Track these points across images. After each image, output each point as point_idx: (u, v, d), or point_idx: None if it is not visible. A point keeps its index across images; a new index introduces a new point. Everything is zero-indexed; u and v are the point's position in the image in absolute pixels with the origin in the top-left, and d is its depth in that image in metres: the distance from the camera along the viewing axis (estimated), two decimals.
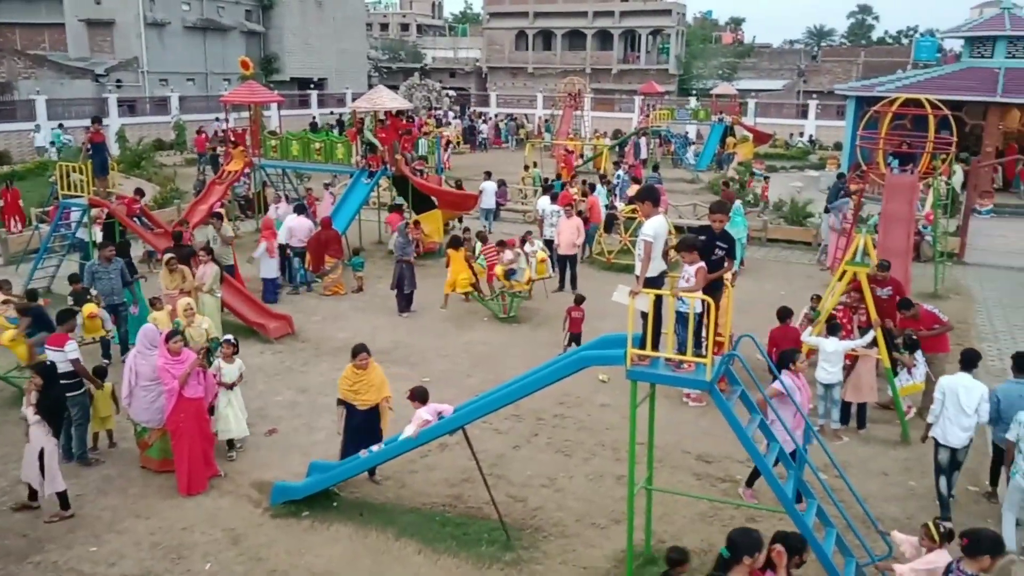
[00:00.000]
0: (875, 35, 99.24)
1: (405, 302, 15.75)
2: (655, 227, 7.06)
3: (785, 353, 9.00)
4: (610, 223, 20.37)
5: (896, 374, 10.88)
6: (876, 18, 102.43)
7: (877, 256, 12.02)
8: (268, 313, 14.67)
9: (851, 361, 10.88)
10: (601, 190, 23.10)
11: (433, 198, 20.57)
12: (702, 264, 7.12)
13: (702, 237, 7.42)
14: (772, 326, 11.46)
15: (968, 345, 11.01)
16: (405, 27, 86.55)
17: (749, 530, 5.70)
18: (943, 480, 8.83)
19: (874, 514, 7.91)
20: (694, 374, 7.04)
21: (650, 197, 7.40)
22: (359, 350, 9.15)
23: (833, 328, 10.76)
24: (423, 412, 8.40)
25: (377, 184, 20.51)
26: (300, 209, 18.34)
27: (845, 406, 10.97)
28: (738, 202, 20.06)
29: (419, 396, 8.69)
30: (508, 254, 15.46)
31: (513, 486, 9.38)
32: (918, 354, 10.96)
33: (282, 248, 17.42)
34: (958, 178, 25.32)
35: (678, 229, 17.40)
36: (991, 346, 14.32)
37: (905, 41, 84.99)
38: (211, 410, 9.68)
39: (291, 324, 14.54)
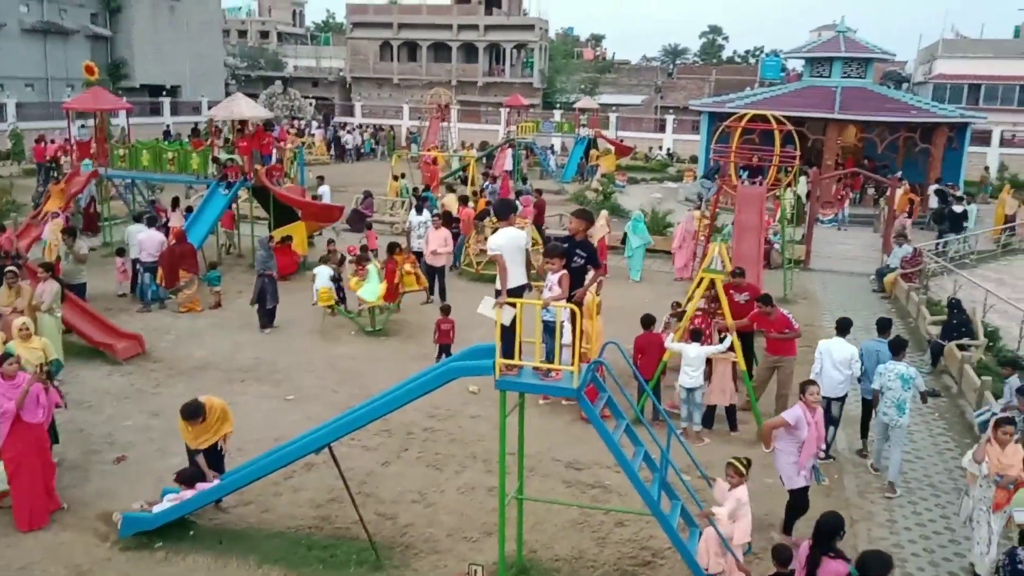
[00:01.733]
0: (725, 54, 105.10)
1: (267, 318, 15.17)
2: (498, 239, 7.16)
3: (802, 385, 8.61)
4: (483, 216, 20.51)
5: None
6: (726, 38, 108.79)
7: (732, 263, 12.53)
8: (116, 332, 13.76)
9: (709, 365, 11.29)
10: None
11: (297, 210, 19.97)
12: (565, 272, 7.19)
13: (565, 245, 7.53)
14: (637, 333, 11.74)
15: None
16: (265, 34, 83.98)
17: (881, 553, 5.76)
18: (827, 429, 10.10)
19: None
20: (562, 382, 7.08)
21: (497, 213, 7.61)
22: (193, 415, 8.41)
23: (695, 334, 11.14)
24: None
25: (236, 196, 19.67)
26: (152, 221, 17.36)
27: (709, 409, 11.38)
28: (638, 211, 21.02)
29: (185, 480, 8.36)
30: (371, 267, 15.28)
31: (383, 503, 9.15)
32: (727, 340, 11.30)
33: (132, 263, 16.52)
34: (802, 189, 26.97)
35: (545, 239, 17.61)
36: None
37: (752, 60, 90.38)
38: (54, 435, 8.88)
39: (142, 343, 13.71)
